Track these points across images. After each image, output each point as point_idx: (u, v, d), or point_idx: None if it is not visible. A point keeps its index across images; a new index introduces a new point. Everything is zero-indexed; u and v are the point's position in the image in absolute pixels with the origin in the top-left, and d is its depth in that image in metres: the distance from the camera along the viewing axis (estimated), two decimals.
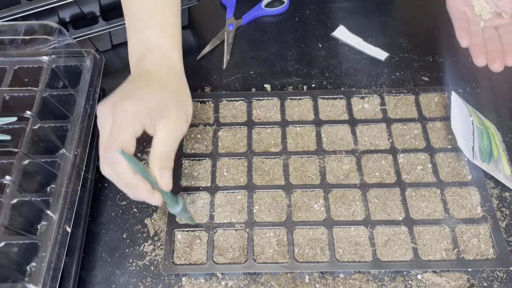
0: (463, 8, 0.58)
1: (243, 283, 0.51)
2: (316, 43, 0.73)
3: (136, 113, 0.43)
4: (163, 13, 0.53)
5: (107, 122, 0.44)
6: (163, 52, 0.51)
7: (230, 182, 0.58)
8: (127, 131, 0.43)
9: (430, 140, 0.60)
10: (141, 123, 0.44)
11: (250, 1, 0.78)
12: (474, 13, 0.58)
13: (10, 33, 0.59)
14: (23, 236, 0.47)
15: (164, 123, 0.45)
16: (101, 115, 0.45)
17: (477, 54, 0.54)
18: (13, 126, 0.52)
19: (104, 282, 0.52)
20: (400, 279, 0.51)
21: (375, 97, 0.65)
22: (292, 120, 0.63)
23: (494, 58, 0.53)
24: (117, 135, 0.43)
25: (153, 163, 0.44)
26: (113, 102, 0.45)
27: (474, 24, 0.57)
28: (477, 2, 0.58)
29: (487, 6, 0.58)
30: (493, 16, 0.58)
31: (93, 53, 0.61)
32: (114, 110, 0.44)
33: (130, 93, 0.46)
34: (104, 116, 0.45)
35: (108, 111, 0.44)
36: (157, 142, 0.45)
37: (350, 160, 0.59)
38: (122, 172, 0.43)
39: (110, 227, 0.56)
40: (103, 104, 0.46)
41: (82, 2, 0.66)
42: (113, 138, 0.43)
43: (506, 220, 0.55)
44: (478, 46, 0.54)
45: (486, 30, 0.56)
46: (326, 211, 0.55)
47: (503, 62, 0.53)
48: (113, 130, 0.43)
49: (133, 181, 0.43)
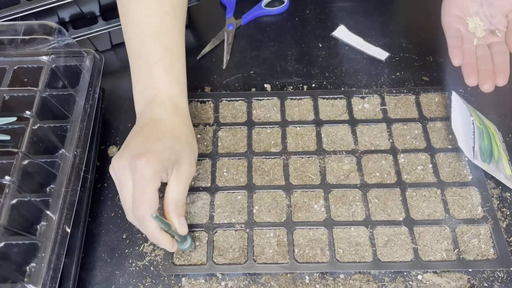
0: (458, 25, 0.58)
1: (243, 284, 0.51)
2: (316, 43, 0.73)
3: (156, 170, 0.45)
4: (171, 57, 0.52)
5: (127, 179, 0.46)
6: (172, 100, 0.51)
7: (230, 182, 0.58)
8: (152, 190, 0.45)
9: (431, 140, 0.60)
10: (159, 177, 0.46)
11: (250, 1, 0.78)
12: (468, 31, 0.58)
13: (10, 33, 0.59)
14: (23, 236, 0.47)
15: (177, 173, 0.48)
16: (119, 172, 0.47)
17: (469, 75, 0.54)
18: (12, 126, 0.52)
19: (104, 282, 0.52)
20: (401, 280, 0.51)
21: (375, 97, 0.65)
22: (292, 120, 0.63)
23: (485, 79, 0.53)
24: (143, 195, 0.45)
25: (171, 213, 0.48)
26: (130, 157, 0.46)
27: (467, 42, 0.57)
28: (471, 19, 0.58)
29: (481, 23, 0.58)
30: (486, 33, 0.58)
31: (92, 53, 0.61)
32: (134, 167, 0.45)
33: (146, 149, 0.46)
34: (122, 172, 0.46)
35: (126, 167, 0.46)
36: (171, 191, 0.48)
37: (350, 160, 0.59)
38: (151, 231, 0.46)
39: (110, 228, 0.56)
40: (119, 159, 0.47)
41: (82, 2, 0.66)
42: (140, 197, 0.45)
43: (506, 221, 0.55)
44: (470, 65, 0.55)
45: (479, 48, 0.57)
46: (326, 212, 0.55)
47: (493, 83, 0.53)
48: (137, 188, 0.45)
49: (160, 237, 0.47)
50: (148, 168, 0.45)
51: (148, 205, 0.45)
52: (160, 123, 0.50)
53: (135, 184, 0.45)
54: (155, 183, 0.45)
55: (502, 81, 0.53)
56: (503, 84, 0.53)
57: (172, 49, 0.53)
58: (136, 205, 0.45)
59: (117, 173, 0.47)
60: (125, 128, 0.64)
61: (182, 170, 0.48)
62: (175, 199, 0.48)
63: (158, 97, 0.51)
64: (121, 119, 0.65)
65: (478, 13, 0.58)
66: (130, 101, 0.63)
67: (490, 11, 0.58)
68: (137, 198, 0.45)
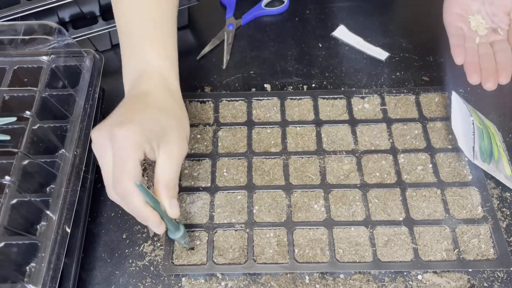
0: (459, 24, 0.58)
1: (243, 284, 0.51)
2: (316, 43, 0.73)
3: (137, 140, 0.42)
4: (161, 33, 0.51)
5: (106, 150, 0.43)
6: (161, 74, 0.50)
7: (230, 182, 0.58)
8: (132, 160, 0.42)
9: (431, 140, 0.60)
10: (142, 149, 0.43)
11: (250, 1, 0.78)
12: (470, 29, 0.58)
13: (10, 33, 0.59)
14: (23, 236, 0.47)
15: (165, 149, 0.45)
16: (98, 142, 0.44)
17: (471, 73, 0.54)
18: (12, 126, 0.52)
19: (104, 282, 0.52)
20: (401, 280, 0.51)
21: (375, 97, 0.65)
22: (292, 120, 0.63)
23: (487, 77, 0.53)
24: (123, 166, 0.42)
25: (161, 193, 0.44)
26: (110, 127, 0.43)
27: (469, 40, 0.57)
28: (473, 17, 0.58)
29: (483, 21, 0.58)
30: (488, 31, 0.58)
31: (92, 53, 0.61)
32: (113, 137, 0.43)
33: (127, 118, 0.44)
34: (101, 143, 0.44)
35: (105, 137, 0.43)
36: (161, 170, 0.45)
37: (350, 160, 0.59)
38: (135, 204, 0.43)
39: (110, 228, 0.56)
40: (98, 130, 0.44)
41: (82, 2, 0.66)
42: (120, 168, 0.42)
43: (506, 221, 0.55)
44: (473, 64, 0.54)
45: (481, 46, 0.56)
46: (326, 212, 0.55)
47: (496, 81, 0.53)
48: (117, 160, 0.42)
49: (145, 212, 0.43)
50: (128, 137, 0.42)
51: (130, 176, 0.41)
52: (146, 95, 0.47)
53: (115, 155, 0.42)
54: (136, 153, 0.42)
55: (504, 79, 0.53)
56: (506, 82, 0.53)
57: (162, 24, 0.51)
58: (116, 177, 0.42)
59: (96, 145, 0.44)
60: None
61: (171, 147, 0.45)
62: (165, 178, 0.44)
63: (146, 71, 0.49)
64: None
65: (480, 11, 0.58)
66: None
67: (492, 9, 0.58)
68: (117, 170, 0.42)
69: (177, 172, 0.46)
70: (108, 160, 0.43)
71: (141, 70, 0.50)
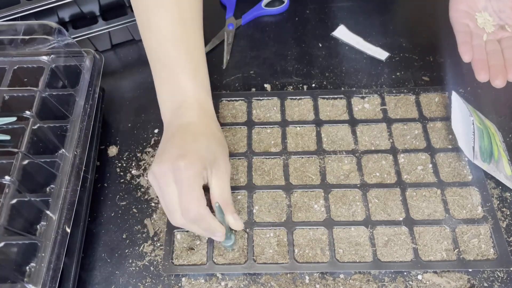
0: (466, 21, 0.57)
1: (243, 284, 0.51)
2: (316, 42, 0.73)
3: (199, 170, 0.47)
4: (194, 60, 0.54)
5: (170, 183, 0.47)
6: (200, 103, 0.53)
7: (230, 182, 0.57)
8: (199, 187, 0.47)
9: (431, 140, 0.60)
10: (202, 177, 0.47)
11: (250, 1, 0.78)
12: (477, 26, 0.57)
13: (10, 33, 0.59)
14: (23, 236, 0.47)
15: (217, 171, 0.49)
16: (161, 176, 0.48)
17: (479, 70, 0.53)
18: (12, 126, 0.52)
19: (104, 282, 0.52)
20: (401, 280, 0.51)
21: (375, 97, 0.65)
22: (292, 120, 0.63)
23: (496, 74, 0.52)
24: (192, 193, 0.46)
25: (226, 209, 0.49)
26: (170, 162, 0.47)
27: (476, 37, 0.56)
28: (480, 14, 0.57)
29: (491, 18, 0.57)
30: (496, 29, 0.57)
31: (92, 53, 0.61)
32: (177, 169, 0.46)
33: (185, 151, 0.48)
34: (164, 175, 0.47)
35: (168, 171, 0.47)
36: (218, 191, 0.49)
37: (350, 160, 0.59)
38: (209, 224, 0.47)
39: (110, 228, 0.56)
40: (160, 164, 0.48)
41: (82, 2, 0.66)
42: (189, 196, 0.46)
43: (506, 221, 0.55)
44: (480, 61, 0.54)
45: (489, 43, 0.56)
46: (326, 212, 0.55)
47: (505, 78, 0.52)
48: (184, 189, 0.46)
49: (216, 227, 0.48)
50: (192, 167, 0.46)
51: (201, 201, 0.46)
52: (192, 126, 0.51)
53: (182, 185, 0.46)
54: (200, 181, 0.47)
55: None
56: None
57: (194, 55, 0.54)
58: (186, 204, 0.46)
59: (159, 178, 0.48)
60: (125, 128, 0.64)
61: (221, 168, 0.50)
62: (222, 197, 0.49)
63: (186, 102, 0.52)
64: (121, 119, 0.65)
65: (487, 8, 0.58)
66: (130, 101, 0.63)
67: (498, 6, 0.57)
68: (186, 198, 0.46)
69: (229, 189, 0.50)
70: (173, 190, 0.47)
71: (181, 101, 0.52)
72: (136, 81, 0.69)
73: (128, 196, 0.58)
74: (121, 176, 0.60)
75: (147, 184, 0.59)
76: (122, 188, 0.59)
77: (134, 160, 0.61)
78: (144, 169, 0.60)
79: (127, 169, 0.60)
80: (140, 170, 0.60)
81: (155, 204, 0.57)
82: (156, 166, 0.48)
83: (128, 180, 0.60)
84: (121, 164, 0.61)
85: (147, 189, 0.59)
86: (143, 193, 0.58)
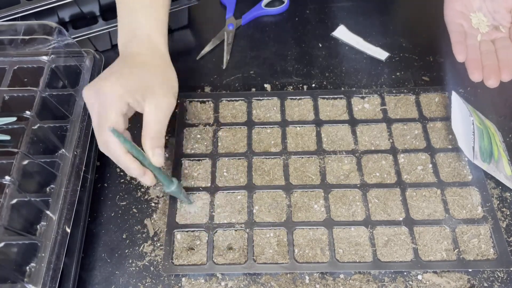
0: (460, 21, 0.58)
1: (243, 284, 0.51)
2: (316, 42, 0.73)
3: (118, 91, 0.46)
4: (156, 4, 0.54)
5: (94, 105, 0.47)
6: (150, 37, 0.53)
7: (230, 182, 0.58)
8: (113, 110, 0.46)
9: (431, 140, 0.60)
10: (125, 100, 0.46)
11: (250, 1, 0.78)
12: (471, 26, 0.58)
13: (10, 33, 0.59)
14: (23, 236, 0.47)
15: (151, 102, 0.47)
16: (87, 99, 0.48)
17: (473, 70, 0.54)
18: (12, 126, 0.52)
19: (104, 282, 0.52)
20: (401, 280, 0.51)
21: (375, 97, 0.65)
22: (292, 120, 0.63)
23: (489, 74, 0.53)
24: (105, 115, 0.46)
25: (145, 143, 0.47)
26: (96, 84, 0.47)
27: (471, 37, 0.57)
28: (475, 15, 0.58)
29: (485, 19, 0.57)
30: (490, 29, 0.57)
31: (92, 53, 0.61)
32: (98, 91, 0.47)
33: (111, 74, 0.48)
34: (89, 99, 0.47)
35: (92, 93, 0.47)
36: (146, 122, 0.47)
37: (350, 160, 0.59)
38: (114, 151, 0.46)
39: (110, 228, 0.56)
40: (87, 88, 0.48)
41: (82, 2, 0.66)
42: (102, 118, 0.46)
43: (506, 221, 0.55)
44: (474, 61, 0.54)
45: (483, 43, 0.56)
46: (326, 212, 0.55)
47: (498, 78, 0.52)
48: (100, 110, 0.46)
49: (125, 160, 0.46)
50: (111, 90, 0.46)
51: (110, 124, 0.45)
52: (135, 56, 0.51)
53: (100, 107, 0.46)
54: (118, 104, 0.46)
55: (507, 76, 0.52)
56: (508, 79, 0.52)
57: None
58: (99, 127, 0.46)
59: (87, 100, 0.48)
60: None
61: (158, 99, 0.48)
62: (149, 129, 0.47)
63: (137, 36, 0.53)
64: None
65: (481, 8, 0.58)
66: None
67: (493, 6, 0.57)
68: (100, 120, 0.46)
69: (163, 123, 0.48)
70: (96, 114, 0.47)
71: (132, 35, 0.53)
72: None
73: (128, 196, 0.58)
74: (121, 176, 0.60)
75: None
76: (122, 188, 0.59)
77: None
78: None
79: None
80: None
81: (155, 204, 0.57)
82: (85, 88, 0.48)
83: (128, 180, 0.60)
84: None
85: (147, 189, 0.59)
86: (143, 193, 0.58)
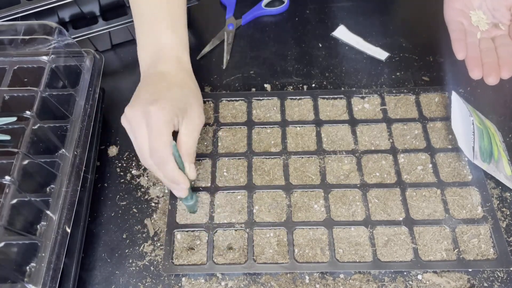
0: (460, 19, 0.58)
1: (243, 284, 0.51)
2: (316, 42, 0.73)
3: (169, 116, 0.49)
4: (173, 13, 0.56)
5: (141, 127, 0.49)
6: (177, 56, 0.55)
7: (230, 182, 0.58)
8: (167, 133, 0.48)
9: (431, 140, 0.60)
10: (172, 123, 0.49)
11: (250, 1, 0.78)
12: (471, 24, 0.57)
13: (10, 33, 0.59)
14: (23, 236, 0.47)
15: (188, 123, 0.51)
16: (133, 119, 0.50)
17: (473, 67, 0.54)
18: (12, 126, 0.52)
19: (104, 282, 0.52)
20: (401, 280, 0.51)
21: (375, 97, 0.65)
22: (292, 120, 0.63)
23: (489, 71, 0.53)
24: (159, 138, 0.48)
25: (184, 158, 0.50)
26: (142, 106, 0.49)
27: (470, 35, 0.57)
28: (474, 13, 0.58)
29: (484, 17, 0.57)
30: (490, 27, 0.57)
31: (92, 53, 0.61)
32: (147, 114, 0.48)
33: (158, 97, 0.50)
34: (136, 121, 0.49)
35: (140, 115, 0.49)
36: (183, 141, 0.51)
37: (350, 160, 0.59)
38: (170, 168, 0.49)
39: (110, 228, 0.56)
40: (132, 108, 0.50)
41: (82, 2, 0.66)
42: (157, 140, 0.48)
43: (506, 220, 0.55)
44: (474, 59, 0.54)
45: (482, 41, 0.56)
46: (326, 211, 0.55)
47: (498, 75, 0.52)
48: (153, 133, 0.48)
49: (178, 175, 0.50)
50: (163, 113, 0.48)
51: (166, 146, 0.48)
52: (167, 76, 0.53)
53: (152, 128, 0.48)
54: (169, 126, 0.49)
55: (507, 73, 0.52)
56: (508, 76, 0.52)
57: (175, 11, 0.56)
58: (154, 147, 0.48)
59: (131, 121, 0.50)
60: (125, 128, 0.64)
61: (192, 119, 0.51)
62: (186, 146, 0.51)
63: (165, 54, 0.54)
64: None
65: (481, 6, 0.58)
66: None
67: (493, 4, 0.57)
68: (154, 141, 0.48)
69: (195, 141, 0.52)
70: (143, 133, 0.49)
71: (158, 52, 0.55)
72: (136, 81, 0.69)
73: (128, 196, 0.58)
74: (121, 176, 0.60)
75: (148, 184, 0.59)
76: (122, 188, 0.59)
77: (134, 160, 0.61)
78: (145, 169, 0.60)
79: (127, 169, 0.60)
80: (140, 170, 0.60)
81: (155, 204, 0.57)
82: (129, 109, 0.50)
83: (128, 180, 0.60)
84: (121, 164, 0.61)
85: (147, 189, 0.59)
86: (143, 193, 0.58)
